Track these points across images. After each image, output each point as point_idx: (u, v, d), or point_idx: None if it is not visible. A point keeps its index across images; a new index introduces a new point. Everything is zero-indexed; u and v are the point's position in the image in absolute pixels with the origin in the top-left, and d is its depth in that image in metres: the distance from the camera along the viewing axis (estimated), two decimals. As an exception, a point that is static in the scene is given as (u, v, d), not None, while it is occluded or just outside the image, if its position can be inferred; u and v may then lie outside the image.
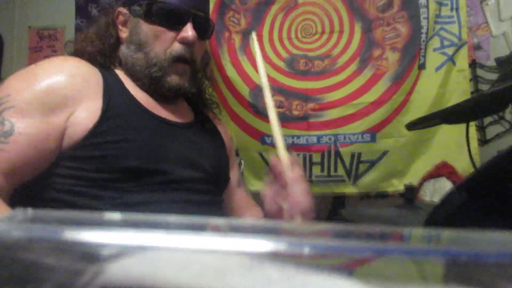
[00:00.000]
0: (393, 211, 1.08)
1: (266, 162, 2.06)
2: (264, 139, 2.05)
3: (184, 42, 0.88)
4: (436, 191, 1.66)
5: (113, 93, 0.82)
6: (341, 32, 2.04)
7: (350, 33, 2.03)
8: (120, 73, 0.90)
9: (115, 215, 0.23)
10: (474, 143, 1.84)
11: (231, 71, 2.06)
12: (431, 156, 1.88)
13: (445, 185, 1.66)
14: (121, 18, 0.92)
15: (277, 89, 2.06)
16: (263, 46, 2.10)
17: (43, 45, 2.73)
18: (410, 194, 1.10)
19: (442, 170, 1.72)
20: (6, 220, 0.22)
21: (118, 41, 0.92)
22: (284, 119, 2.02)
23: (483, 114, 1.46)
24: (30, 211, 0.23)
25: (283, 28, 2.10)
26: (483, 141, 2.07)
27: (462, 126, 1.36)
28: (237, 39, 2.11)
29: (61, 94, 0.76)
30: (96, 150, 0.76)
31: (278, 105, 2.05)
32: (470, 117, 1.16)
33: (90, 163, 0.76)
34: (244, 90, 2.06)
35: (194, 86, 0.94)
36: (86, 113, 0.77)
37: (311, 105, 2.02)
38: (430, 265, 0.21)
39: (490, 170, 0.51)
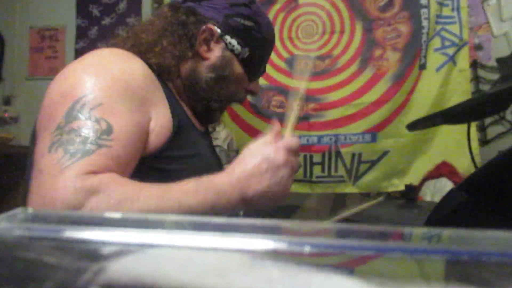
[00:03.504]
0: (394, 211, 1.08)
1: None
2: (265, 139, 2.05)
3: (251, 94, 0.94)
4: (437, 191, 1.66)
5: (175, 106, 0.77)
6: (342, 32, 2.04)
7: (351, 33, 2.03)
8: (169, 83, 0.83)
9: (116, 214, 0.23)
10: (475, 143, 1.84)
11: (231, 71, 2.06)
12: (431, 156, 1.89)
13: (445, 185, 1.65)
14: (207, 35, 0.83)
15: (278, 89, 2.06)
16: None
17: (44, 46, 2.73)
18: (411, 193, 1.10)
19: (443, 170, 1.72)
20: (7, 219, 0.22)
21: (192, 55, 0.84)
22: (284, 119, 2.03)
23: (484, 115, 1.46)
24: (30, 210, 0.23)
25: (284, 28, 2.11)
26: (484, 141, 2.07)
27: (463, 126, 1.35)
28: (237, 39, 2.11)
29: (138, 94, 0.69)
30: (173, 164, 0.72)
31: (279, 105, 2.05)
32: (471, 117, 1.16)
33: (163, 176, 0.70)
34: (245, 90, 2.07)
35: None
36: (162, 120, 0.71)
37: (312, 105, 2.02)
38: (431, 264, 0.21)
39: (491, 170, 0.50)
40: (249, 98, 2.07)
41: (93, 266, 0.20)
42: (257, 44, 0.86)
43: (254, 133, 2.07)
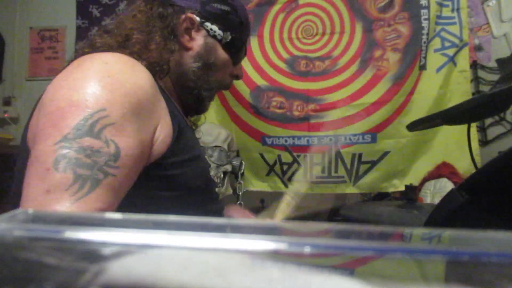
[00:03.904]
0: (394, 211, 1.08)
1: (267, 163, 2.06)
2: (265, 140, 2.05)
3: (236, 78, 0.95)
4: (437, 191, 1.66)
5: (170, 106, 0.76)
6: (342, 33, 2.04)
7: (351, 34, 2.03)
8: (159, 81, 0.81)
9: (116, 215, 0.23)
10: (475, 144, 1.84)
11: (232, 72, 2.06)
12: (432, 157, 1.89)
13: (446, 186, 1.65)
14: (188, 24, 0.83)
15: (278, 90, 2.06)
16: (264, 46, 2.11)
17: (44, 46, 2.73)
18: (411, 194, 1.10)
19: (443, 170, 1.72)
20: (7, 219, 0.22)
21: (179, 48, 0.84)
22: (285, 120, 2.03)
23: (484, 115, 1.46)
24: (31, 211, 0.23)
25: (284, 28, 2.11)
26: (484, 142, 2.07)
27: (463, 127, 1.35)
28: (238, 40, 2.11)
29: (148, 107, 0.68)
30: (175, 169, 0.72)
31: (279, 106, 2.05)
32: (471, 118, 1.16)
33: (166, 182, 0.71)
34: (245, 91, 2.07)
35: None
36: (165, 129, 0.71)
37: (312, 106, 2.02)
38: (431, 265, 0.21)
39: (491, 171, 0.50)
40: (249, 99, 2.08)
41: (93, 266, 0.20)
42: (236, 27, 0.87)
43: (254, 133, 2.07)
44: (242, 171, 1.81)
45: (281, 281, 0.20)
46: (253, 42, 2.11)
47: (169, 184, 0.72)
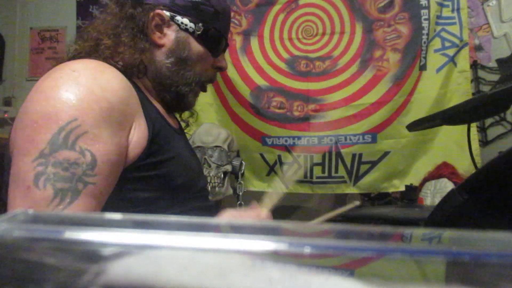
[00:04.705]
0: (394, 211, 1.08)
1: (267, 163, 2.06)
2: (265, 140, 2.05)
3: (219, 70, 0.93)
4: (437, 191, 1.66)
5: (146, 107, 0.77)
6: (342, 33, 2.04)
7: (351, 34, 2.03)
8: (137, 81, 0.83)
9: (116, 215, 0.23)
10: (475, 144, 1.84)
11: (232, 72, 2.06)
12: (432, 157, 1.89)
13: (446, 186, 1.65)
14: (157, 21, 0.83)
15: (278, 90, 2.06)
16: (264, 46, 2.11)
17: (45, 47, 2.74)
18: (411, 194, 1.10)
19: (443, 170, 1.71)
20: (7, 220, 0.22)
21: (150, 46, 0.84)
22: (285, 120, 2.03)
23: (484, 115, 1.46)
24: (31, 211, 0.23)
25: (284, 29, 2.11)
26: (484, 142, 2.07)
27: (463, 127, 1.35)
28: (238, 40, 2.11)
29: (121, 110, 0.69)
30: (152, 171, 0.73)
31: (279, 106, 2.05)
32: (471, 118, 1.16)
33: (143, 184, 0.72)
34: (245, 91, 2.07)
35: None
36: (139, 131, 0.72)
37: (312, 106, 2.02)
38: (431, 265, 0.21)
39: (492, 171, 0.50)
40: (249, 99, 2.08)
41: (93, 267, 0.20)
42: (209, 18, 0.85)
43: (254, 133, 2.07)
44: (242, 171, 1.81)
45: (281, 282, 0.20)
46: (253, 42, 2.11)
47: (148, 185, 0.73)
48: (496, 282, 0.20)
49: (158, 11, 0.82)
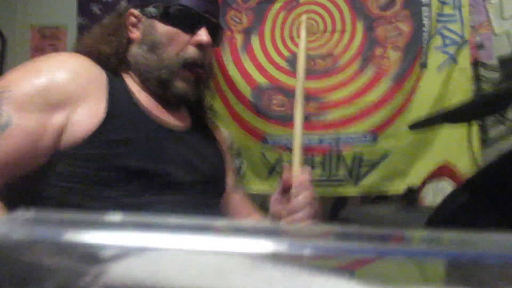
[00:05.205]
0: (395, 212, 1.08)
1: (268, 163, 2.05)
2: (266, 139, 2.05)
3: (198, 45, 0.91)
4: (438, 192, 1.65)
5: (117, 95, 0.82)
6: (343, 31, 2.04)
7: (352, 32, 2.03)
8: (126, 76, 0.90)
9: (116, 217, 0.23)
10: (476, 144, 1.83)
11: (233, 70, 2.05)
12: (433, 157, 1.88)
13: (447, 186, 1.65)
14: (132, 19, 0.92)
15: (278, 88, 2.06)
16: (265, 44, 2.10)
17: (45, 44, 2.73)
18: (412, 195, 1.10)
19: (444, 170, 1.71)
20: (8, 221, 0.22)
21: (128, 43, 0.92)
22: (285, 119, 2.02)
23: (485, 114, 1.46)
24: (31, 212, 0.23)
25: (285, 26, 2.10)
26: (485, 142, 2.06)
27: (464, 127, 1.35)
28: (238, 38, 2.11)
29: (63, 91, 0.76)
30: (99, 149, 0.76)
31: (280, 105, 2.05)
32: (473, 116, 1.16)
33: (92, 162, 0.76)
34: (246, 90, 2.06)
35: (196, 95, 0.95)
36: (89, 112, 0.77)
37: (312, 104, 2.02)
38: (431, 266, 0.21)
39: (492, 171, 0.50)
40: (250, 98, 2.07)
41: (93, 268, 0.20)
42: None
43: (255, 133, 2.06)
44: (242, 171, 1.81)
45: (281, 282, 0.20)
46: (254, 40, 2.10)
47: (96, 164, 0.76)
48: (497, 283, 0.20)
49: (130, 10, 0.92)
